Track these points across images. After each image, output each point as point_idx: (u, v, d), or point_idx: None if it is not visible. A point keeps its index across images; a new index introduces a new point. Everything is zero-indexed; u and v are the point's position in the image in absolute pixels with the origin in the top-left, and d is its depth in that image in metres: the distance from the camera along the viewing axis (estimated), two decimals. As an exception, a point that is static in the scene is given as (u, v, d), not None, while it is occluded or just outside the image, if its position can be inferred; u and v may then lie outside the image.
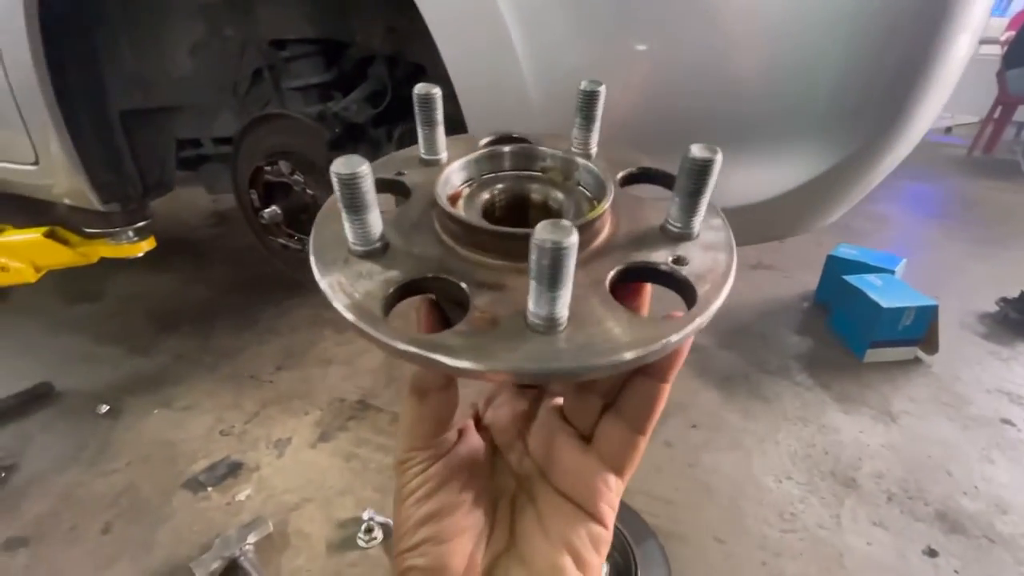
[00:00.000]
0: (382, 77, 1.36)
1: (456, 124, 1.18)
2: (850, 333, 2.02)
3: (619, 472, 0.37)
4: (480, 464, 0.40)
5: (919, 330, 1.91)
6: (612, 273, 0.33)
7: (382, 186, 0.41)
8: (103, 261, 1.80)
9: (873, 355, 1.92)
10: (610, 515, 0.37)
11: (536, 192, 0.42)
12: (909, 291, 1.96)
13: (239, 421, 1.65)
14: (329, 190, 0.32)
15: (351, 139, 1.38)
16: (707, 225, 0.36)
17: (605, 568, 1.15)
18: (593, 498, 0.36)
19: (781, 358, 1.95)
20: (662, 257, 0.34)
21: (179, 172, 1.82)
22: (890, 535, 1.30)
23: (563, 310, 0.28)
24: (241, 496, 1.39)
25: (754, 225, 0.93)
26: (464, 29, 0.92)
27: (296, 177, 1.29)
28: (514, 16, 0.85)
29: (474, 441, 0.41)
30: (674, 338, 0.29)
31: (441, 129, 0.42)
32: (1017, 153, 4.80)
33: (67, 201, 1.55)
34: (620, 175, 0.42)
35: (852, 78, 0.85)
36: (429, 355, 0.28)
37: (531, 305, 0.28)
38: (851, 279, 2.03)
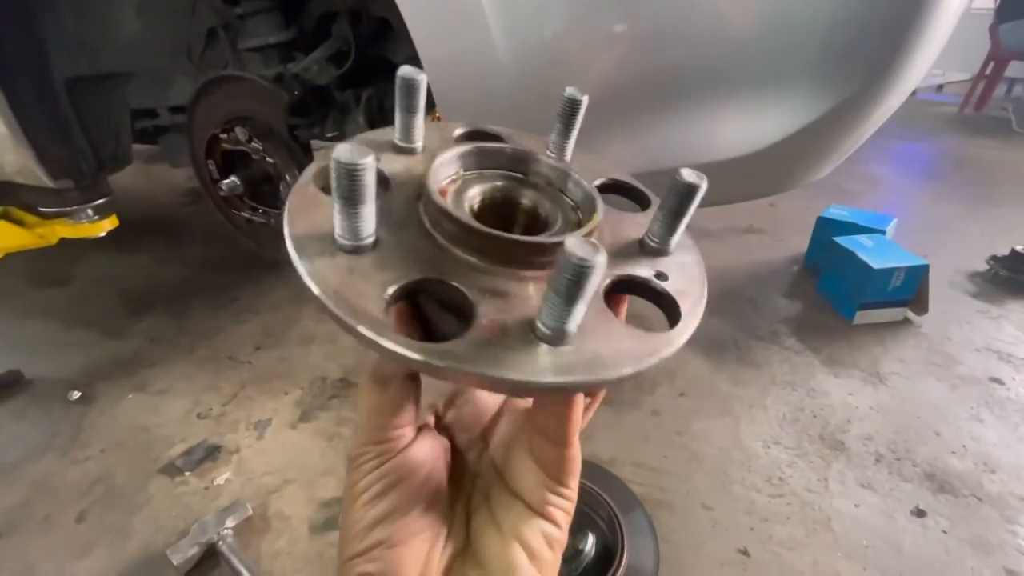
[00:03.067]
0: (345, 35, 1.26)
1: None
2: (840, 295, 1.99)
3: (560, 483, 0.35)
4: (438, 463, 0.38)
5: (909, 290, 1.88)
6: (605, 284, 0.34)
7: None
8: (72, 243, 1.71)
9: (863, 317, 1.90)
10: (562, 517, 0.35)
11: (525, 197, 0.41)
12: (899, 251, 1.92)
13: (217, 403, 1.60)
14: (291, 159, 0.27)
15: (316, 104, 1.29)
16: (680, 244, 0.38)
17: (591, 539, 1.14)
18: (543, 503, 0.35)
19: (770, 323, 1.92)
20: (645, 271, 0.36)
21: (143, 147, 1.73)
22: (878, 497, 1.30)
23: (575, 324, 0.28)
24: (220, 480, 1.36)
25: (743, 179, 0.88)
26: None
27: (255, 144, 1.21)
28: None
29: (433, 440, 0.39)
30: (667, 353, 0.31)
31: (421, 116, 0.40)
32: (1008, 110, 4.74)
33: (17, 179, 1.46)
34: (599, 182, 0.43)
35: (847, 19, 0.79)
36: (452, 366, 0.27)
37: (544, 316, 0.28)
38: (841, 240, 1.99)
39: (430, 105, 0.98)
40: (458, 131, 0.45)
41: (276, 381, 1.68)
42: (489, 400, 0.45)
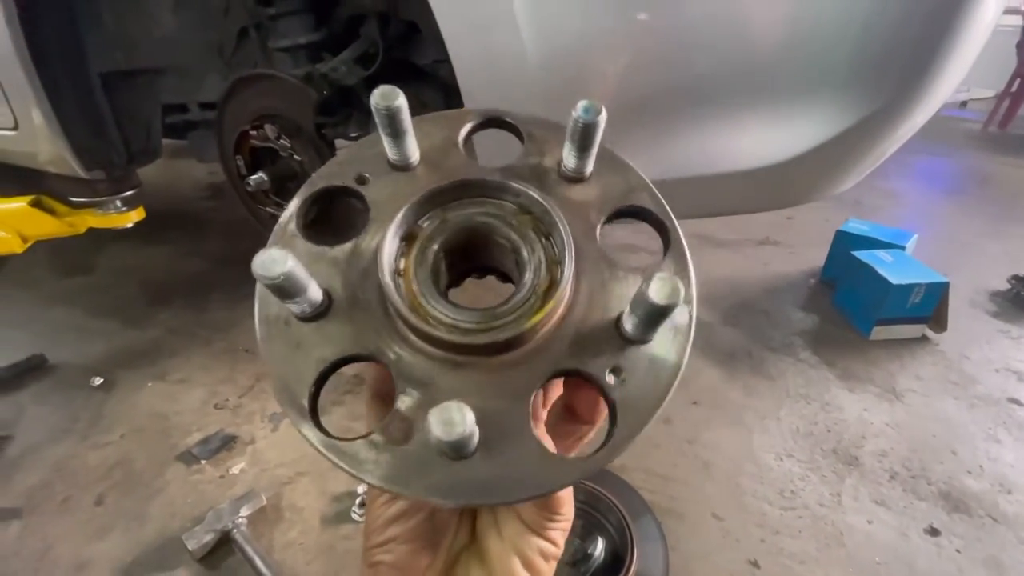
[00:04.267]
0: (373, 37, 1.28)
1: (451, 89, 1.11)
2: (857, 310, 1.97)
3: (555, 512, 0.37)
4: None
5: (928, 307, 1.86)
6: (537, 387, 0.32)
7: (332, 195, 0.37)
8: (97, 233, 1.76)
9: (880, 332, 1.88)
10: (559, 536, 0.38)
11: (501, 237, 0.37)
12: (920, 267, 1.90)
13: (233, 394, 1.63)
14: (317, 157, 0.29)
15: (342, 103, 1.32)
16: (670, 324, 0.33)
17: (601, 544, 1.14)
18: (540, 527, 0.37)
19: (785, 335, 1.91)
20: (601, 364, 0.32)
21: (170, 141, 1.77)
22: (892, 514, 1.28)
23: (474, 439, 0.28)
24: (235, 469, 1.38)
25: (764, 190, 0.88)
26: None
27: (282, 141, 1.24)
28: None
29: None
30: (571, 480, 0.31)
31: (411, 136, 0.36)
32: (1034, 128, 4.66)
33: (51, 169, 1.50)
34: (610, 211, 0.37)
35: (876, 33, 0.79)
36: (340, 464, 0.30)
37: (433, 431, 0.27)
38: (860, 254, 1.97)
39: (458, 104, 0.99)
40: (468, 126, 0.40)
41: (291, 375, 1.70)
42: None
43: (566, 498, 0.37)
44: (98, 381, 1.67)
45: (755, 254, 2.46)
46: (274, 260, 0.27)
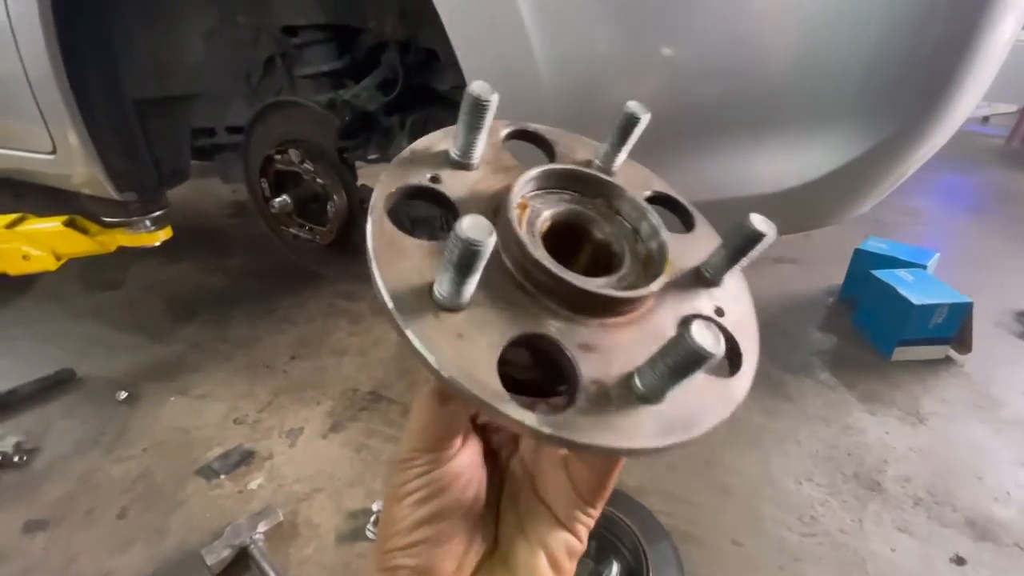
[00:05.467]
0: (394, 64, 1.33)
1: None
2: (877, 330, 1.94)
3: (591, 504, 0.38)
4: (478, 470, 0.40)
5: (951, 328, 1.82)
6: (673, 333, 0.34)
7: (416, 194, 0.37)
8: (123, 250, 1.82)
9: (901, 353, 1.84)
10: (585, 532, 0.38)
11: (590, 223, 0.41)
12: (942, 287, 1.87)
13: (253, 410, 1.66)
14: (339, 180, 0.30)
15: (363, 128, 1.36)
16: (731, 273, 0.39)
17: (616, 567, 1.13)
18: (571, 519, 0.37)
19: (804, 355, 1.89)
20: (706, 306, 0.37)
21: (196, 162, 1.83)
22: (916, 541, 1.25)
23: (675, 391, 0.30)
24: (253, 485, 1.40)
25: (781, 215, 0.88)
26: (475, 14, 0.88)
27: (306, 166, 1.28)
28: (528, 1, 0.81)
29: (473, 445, 0.41)
30: (741, 396, 0.34)
31: (485, 134, 0.38)
32: (1059, 144, 4.57)
33: (85, 191, 1.57)
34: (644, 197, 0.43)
35: (889, 57, 0.80)
36: (566, 436, 0.28)
37: (647, 380, 0.30)
38: (880, 274, 1.95)
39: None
40: (503, 132, 0.44)
41: (309, 391, 1.73)
42: None
43: (607, 486, 0.37)
44: (123, 395, 1.71)
45: (772, 272, 2.44)
46: (483, 226, 0.27)
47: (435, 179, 0.37)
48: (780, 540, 1.25)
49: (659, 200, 0.45)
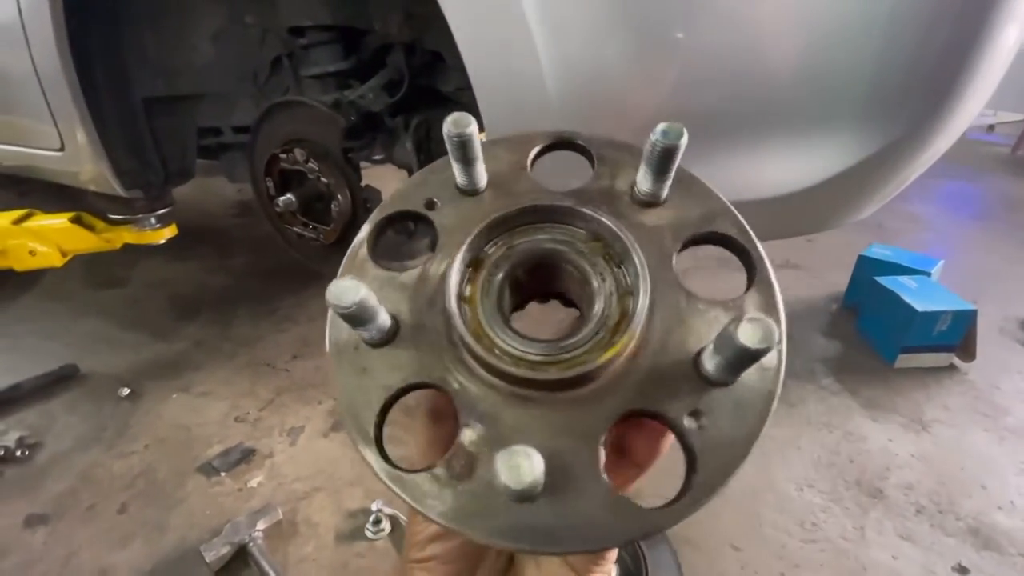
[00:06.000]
0: (399, 65, 1.34)
1: (474, 115, 1.15)
2: (881, 337, 1.93)
3: (602, 559, 0.37)
4: None
5: (955, 336, 1.81)
6: (607, 428, 0.30)
7: (401, 218, 0.37)
8: (128, 248, 1.83)
9: (905, 360, 1.83)
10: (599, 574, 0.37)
11: (570, 264, 0.35)
12: (946, 294, 1.86)
13: (254, 408, 1.66)
14: (343, 180, 0.32)
15: (368, 128, 1.37)
16: (756, 366, 0.31)
17: (615, 571, 1.12)
18: (586, 569, 0.36)
19: (806, 361, 1.88)
20: (679, 407, 0.30)
21: (202, 161, 1.85)
22: (918, 550, 1.24)
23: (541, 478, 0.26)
24: (253, 483, 1.40)
25: (784, 217, 0.89)
26: (481, 16, 0.89)
27: (311, 165, 1.29)
28: (534, 3, 0.82)
29: None
30: (642, 533, 0.29)
31: (480, 162, 0.36)
32: (1065, 153, 4.55)
33: (92, 188, 1.58)
34: (687, 237, 0.35)
35: (894, 63, 0.80)
36: (402, 495, 0.29)
37: (503, 480, 0.26)
38: (884, 280, 1.94)
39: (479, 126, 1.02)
40: (536, 148, 0.39)
41: (310, 390, 1.73)
42: None
43: (612, 555, 0.37)
44: (125, 392, 1.72)
45: (775, 277, 2.43)
46: (347, 289, 0.28)
47: (431, 204, 0.37)
48: (780, 546, 1.24)
49: (711, 239, 0.36)
